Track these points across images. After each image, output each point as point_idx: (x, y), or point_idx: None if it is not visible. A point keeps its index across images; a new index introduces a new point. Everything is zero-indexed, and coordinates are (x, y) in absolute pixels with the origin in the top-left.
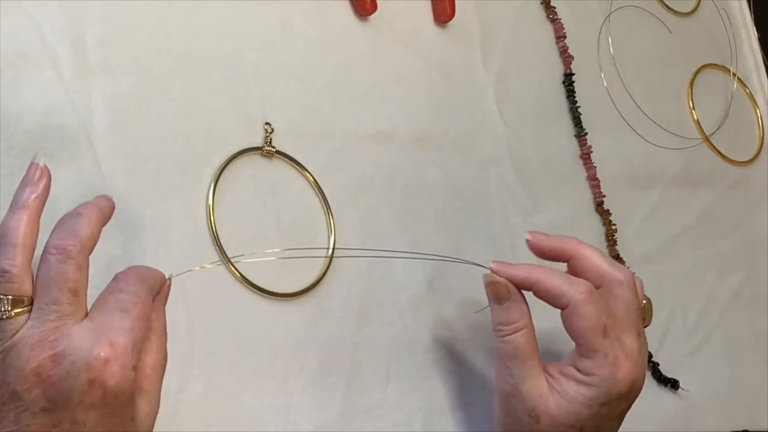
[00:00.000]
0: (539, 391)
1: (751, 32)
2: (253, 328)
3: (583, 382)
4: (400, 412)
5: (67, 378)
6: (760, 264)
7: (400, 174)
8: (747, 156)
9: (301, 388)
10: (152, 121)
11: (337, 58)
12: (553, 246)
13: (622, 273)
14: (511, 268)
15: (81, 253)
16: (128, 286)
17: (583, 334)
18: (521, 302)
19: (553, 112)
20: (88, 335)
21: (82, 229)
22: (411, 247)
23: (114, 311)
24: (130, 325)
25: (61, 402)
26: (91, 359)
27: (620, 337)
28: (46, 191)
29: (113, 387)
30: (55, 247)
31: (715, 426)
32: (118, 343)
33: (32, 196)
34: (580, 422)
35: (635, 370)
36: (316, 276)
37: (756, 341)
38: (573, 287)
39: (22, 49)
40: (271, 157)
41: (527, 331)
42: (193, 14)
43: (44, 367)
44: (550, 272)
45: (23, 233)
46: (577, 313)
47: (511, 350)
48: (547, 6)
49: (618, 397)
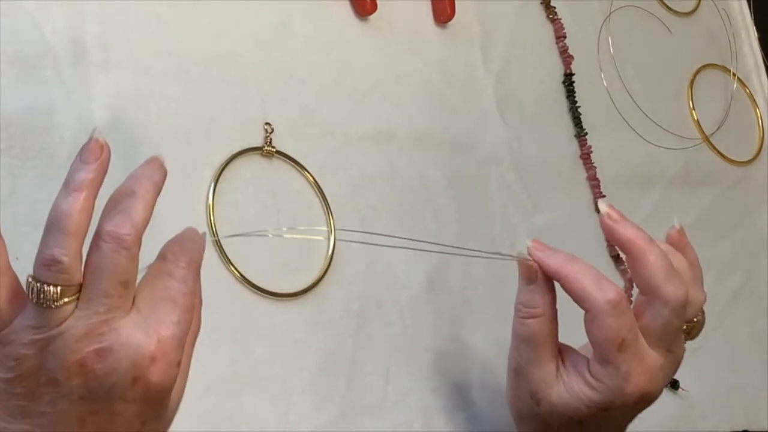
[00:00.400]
0: (544, 378)
1: (751, 32)
2: (253, 328)
3: (589, 384)
4: (400, 412)
5: (113, 374)
6: (760, 264)
7: (400, 174)
8: (747, 156)
9: (301, 388)
10: (152, 120)
11: (337, 58)
12: (624, 237)
13: (674, 291)
14: (546, 254)
15: (135, 242)
16: (177, 269)
17: (598, 344)
18: (547, 291)
19: (553, 112)
20: (136, 330)
21: (138, 213)
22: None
23: (162, 302)
24: (178, 318)
25: (102, 394)
26: (138, 357)
27: (641, 352)
28: (104, 171)
29: (157, 383)
30: (110, 235)
31: (715, 426)
32: (165, 338)
33: (89, 177)
34: (578, 417)
35: (649, 384)
36: (316, 276)
37: (756, 341)
38: (600, 293)
39: (22, 49)
40: (271, 157)
41: (545, 320)
42: (193, 14)
43: (89, 360)
44: (583, 271)
45: (77, 219)
46: (596, 321)
47: (525, 333)
48: (547, 6)
49: (622, 406)
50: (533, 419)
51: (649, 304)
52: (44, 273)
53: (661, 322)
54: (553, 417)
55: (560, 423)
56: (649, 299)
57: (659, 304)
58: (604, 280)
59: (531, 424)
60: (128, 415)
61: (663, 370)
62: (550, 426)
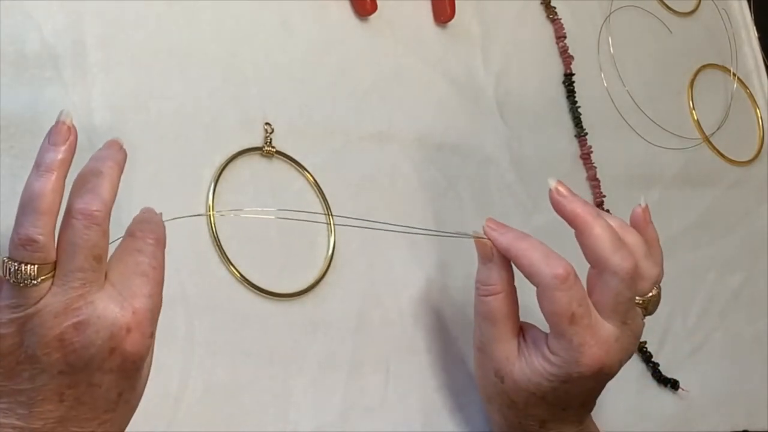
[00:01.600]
0: (506, 355)
1: (751, 32)
2: (253, 328)
3: (547, 359)
4: (400, 412)
5: (90, 346)
6: (760, 264)
7: (400, 174)
8: (747, 156)
9: (301, 388)
10: (152, 121)
11: (337, 58)
12: (569, 211)
13: (621, 262)
14: (498, 233)
15: (105, 218)
16: (146, 246)
17: (550, 318)
18: (502, 268)
19: (553, 112)
20: (112, 303)
21: (106, 191)
22: (410, 247)
23: (135, 276)
24: (150, 290)
25: (81, 367)
26: (114, 329)
27: (594, 324)
28: (72, 152)
29: (132, 354)
30: (81, 212)
31: (715, 426)
32: (139, 310)
33: (59, 158)
34: (541, 392)
35: (605, 357)
36: (316, 276)
37: (756, 341)
38: (548, 268)
39: (22, 49)
40: (271, 157)
41: (503, 296)
42: (192, 14)
43: (67, 335)
44: (532, 248)
45: (50, 199)
46: (546, 296)
47: (485, 311)
48: (547, 6)
49: (580, 378)
50: (499, 397)
51: (599, 277)
52: (20, 253)
53: (612, 293)
54: (518, 393)
55: (524, 399)
56: (599, 271)
57: (608, 275)
58: (552, 256)
59: (498, 402)
60: (106, 387)
61: (619, 342)
62: (516, 403)
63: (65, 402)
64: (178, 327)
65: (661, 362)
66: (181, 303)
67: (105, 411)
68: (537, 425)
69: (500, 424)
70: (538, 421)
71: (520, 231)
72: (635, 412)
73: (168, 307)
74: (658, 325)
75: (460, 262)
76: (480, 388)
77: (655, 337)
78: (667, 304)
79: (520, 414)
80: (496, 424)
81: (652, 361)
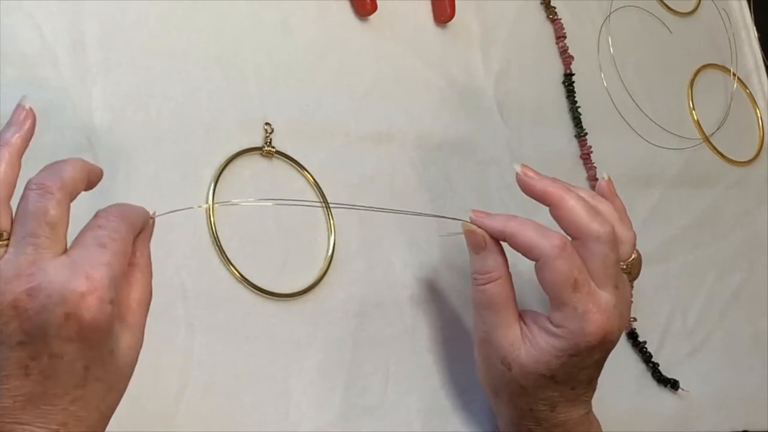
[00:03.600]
0: (511, 341)
1: (751, 32)
2: (253, 328)
3: (552, 334)
4: (400, 413)
5: (43, 311)
6: (760, 264)
7: (400, 174)
8: (747, 156)
9: (301, 388)
10: (152, 121)
11: (337, 58)
12: (540, 189)
13: (601, 227)
14: (488, 219)
15: (61, 190)
16: (107, 222)
17: (553, 288)
18: (497, 253)
19: (553, 112)
20: (65, 269)
21: (65, 171)
22: (410, 247)
23: (92, 246)
24: (108, 259)
25: (38, 335)
26: (67, 293)
27: (594, 292)
28: (29, 132)
29: (90, 320)
30: (35, 183)
31: (715, 426)
32: (94, 276)
33: (16, 135)
34: (550, 371)
35: (607, 323)
36: (316, 276)
37: (756, 341)
38: (545, 240)
39: (22, 49)
40: (271, 157)
41: (502, 281)
42: (192, 14)
43: (20, 301)
44: (525, 225)
45: (3, 170)
46: (547, 266)
47: (485, 300)
48: (547, 6)
49: (587, 349)
50: (508, 386)
51: (583, 245)
52: None
53: (600, 258)
54: (527, 377)
55: (534, 382)
56: (582, 241)
57: (591, 242)
58: (546, 229)
59: (507, 392)
60: (69, 358)
61: (617, 309)
62: (526, 388)
63: (31, 376)
64: (178, 327)
65: (661, 362)
66: (181, 303)
67: (74, 386)
68: (548, 409)
69: (509, 416)
70: (549, 404)
71: (505, 213)
72: (635, 412)
73: (168, 307)
74: (658, 325)
75: (459, 262)
76: (485, 381)
77: (655, 337)
78: (667, 304)
79: (530, 400)
80: (504, 416)
81: (652, 361)
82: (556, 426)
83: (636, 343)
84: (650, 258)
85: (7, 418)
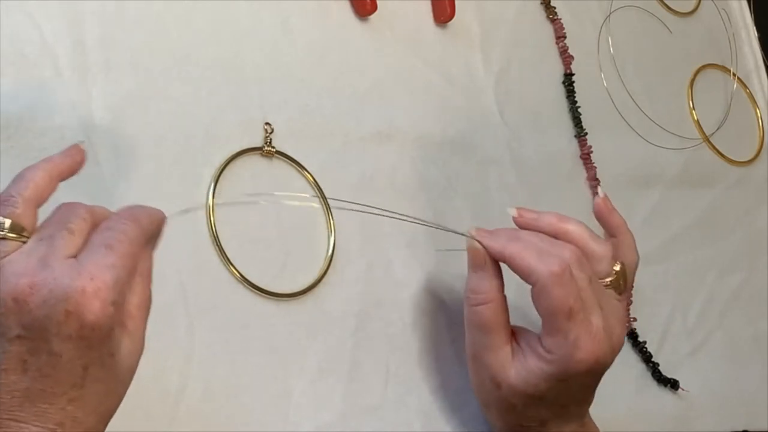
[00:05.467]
0: (501, 362)
1: (751, 32)
2: (253, 328)
3: (542, 358)
4: (400, 412)
5: (44, 306)
6: (760, 264)
7: (400, 174)
8: (747, 156)
9: (301, 388)
10: (152, 121)
11: (337, 58)
12: (540, 228)
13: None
14: (489, 238)
15: (89, 212)
16: (118, 224)
17: (547, 314)
18: (494, 276)
19: (553, 112)
20: (70, 268)
21: (106, 214)
22: (410, 247)
23: (99, 247)
24: (113, 261)
25: (37, 330)
26: (69, 290)
27: (587, 319)
28: (75, 163)
29: (91, 320)
30: (70, 202)
31: (715, 426)
32: (99, 277)
33: (60, 159)
34: (539, 393)
35: (598, 348)
36: (316, 276)
37: (756, 341)
38: (544, 266)
39: (22, 49)
40: (271, 157)
41: (494, 305)
42: (192, 14)
43: (22, 293)
44: (526, 247)
45: (40, 176)
46: (543, 293)
47: (477, 321)
48: (547, 6)
49: (576, 374)
50: (497, 402)
51: None
52: None
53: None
54: (516, 397)
55: (523, 402)
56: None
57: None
58: (546, 254)
59: (496, 407)
60: (67, 356)
61: (606, 332)
62: (515, 406)
63: (29, 372)
64: (178, 327)
65: (661, 362)
66: (181, 303)
67: (72, 386)
68: (538, 425)
69: (500, 428)
70: (538, 421)
71: (509, 230)
72: (635, 412)
73: (168, 307)
74: (658, 325)
75: (459, 263)
76: (477, 394)
77: (655, 337)
78: (667, 304)
79: (519, 417)
80: (496, 428)
81: (652, 361)
82: None
83: (636, 343)
84: (650, 258)
85: (4, 414)
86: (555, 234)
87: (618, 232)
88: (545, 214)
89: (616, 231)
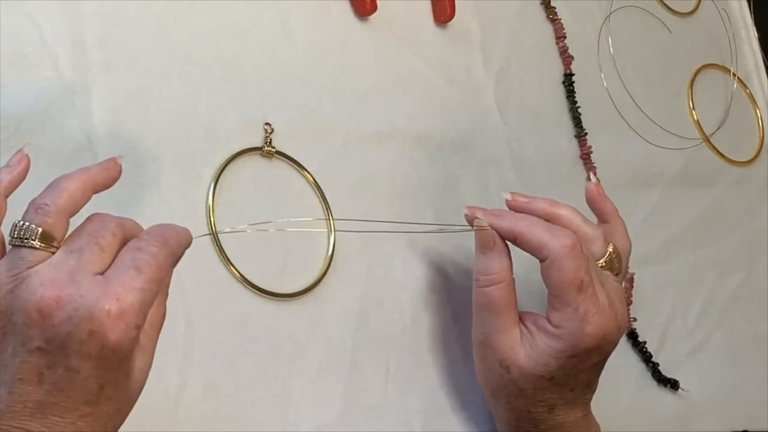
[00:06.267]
0: (510, 344)
1: (751, 32)
2: (253, 328)
3: (552, 335)
4: (400, 412)
5: (68, 323)
6: (760, 264)
7: (400, 174)
8: (747, 156)
9: (301, 388)
10: (152, 121)
11: (337, 58)
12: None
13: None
14: (496, 218)
15: (119, 228)
16: (148, 245)
17: (558, 288)
18: (504, 256)
19: (553, 112)
20: (98, 287)
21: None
22: (410, 247)
23: (128, 269)
24: (141, 285)
25: (58, 345)
26: (95, 310)
27: (596, 293)
28: (109, 178)
29: (113, 342)
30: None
31: (715, 426)
32: (125, 299)
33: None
34: (549, 373)
35: (605, 323)
36: (316, 276)
37: (756, 341)
38: (555, 239)
39: (22, 49)
40: (271, 157)
41: (504, 285)
42: (192, 14)
43: (47, 307)
44: (534, 224)
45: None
46: (554, 266)
47: (486, 302)
48: (547, 6)
49: (586, 350)
50: (506, 388)
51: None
52: (31, 215)
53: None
54: (525, 380)
55: (533, 384)
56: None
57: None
58: (556, 228)
59: (504, 394)
60: (85, 373)
61: (611, 308)
62: (524, 390)
63: (44, 385)
64: (178, 327)
65: (661, 362)
66: (181, 303)
67: (85, 403)
68: (546, 411)
69: (506, 418)
70: (547, 406)
71: (511, 211)
72: (635, 412)
73: (168, 307)
74: (658, 325)
75: (459, 262)
76: (483, 383)
77: (655, 337)
78: (667, 304)
79: (528, 402)
80: (502, 419)
81: (652, 361)
82: (554, 428)
83: (636, 343)
84: (650, 258)
85: (14, 422)
86: (548, 218)
87: (610, 218)
88: (538, 199)
89: (608, 217)
